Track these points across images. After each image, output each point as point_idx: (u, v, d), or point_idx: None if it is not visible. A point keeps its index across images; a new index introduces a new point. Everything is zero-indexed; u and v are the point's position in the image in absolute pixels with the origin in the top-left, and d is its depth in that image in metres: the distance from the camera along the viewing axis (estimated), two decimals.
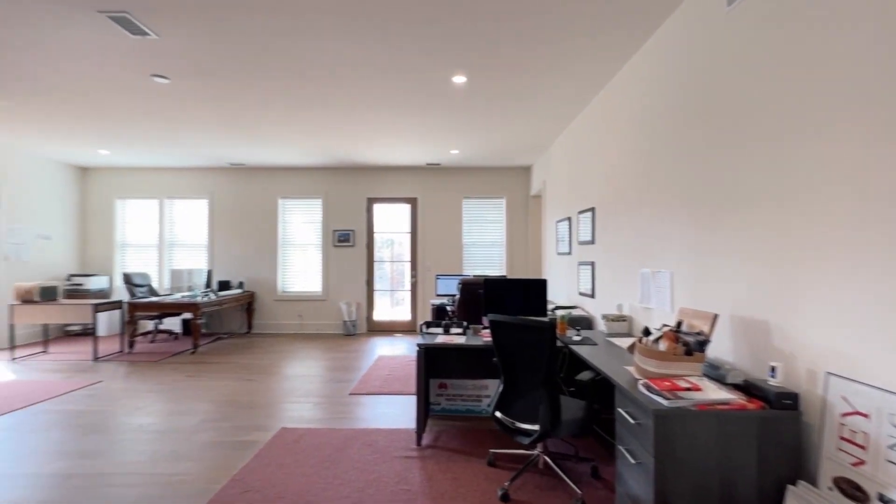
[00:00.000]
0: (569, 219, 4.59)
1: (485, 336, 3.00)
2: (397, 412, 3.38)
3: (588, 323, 3.63)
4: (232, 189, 6.97)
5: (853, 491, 1.35)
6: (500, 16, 2.58)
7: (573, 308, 4.08)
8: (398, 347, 5.81)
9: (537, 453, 2.47)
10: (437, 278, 5.81)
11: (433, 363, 3.21)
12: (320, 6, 2.49)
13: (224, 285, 6.62)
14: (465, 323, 3.21)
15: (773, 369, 1.63)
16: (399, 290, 7.03)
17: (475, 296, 3.93)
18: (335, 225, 6.93)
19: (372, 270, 7.01)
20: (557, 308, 4.03)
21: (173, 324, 6.80)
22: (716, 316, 1.90)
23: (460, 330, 3.12)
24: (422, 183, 6.93)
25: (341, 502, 2.14)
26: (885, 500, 1.26)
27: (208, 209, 6.96)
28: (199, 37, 2.82)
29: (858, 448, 1.36)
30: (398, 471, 2.45)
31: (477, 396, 3.27)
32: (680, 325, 2.05)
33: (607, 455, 2.66)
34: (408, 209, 7.01)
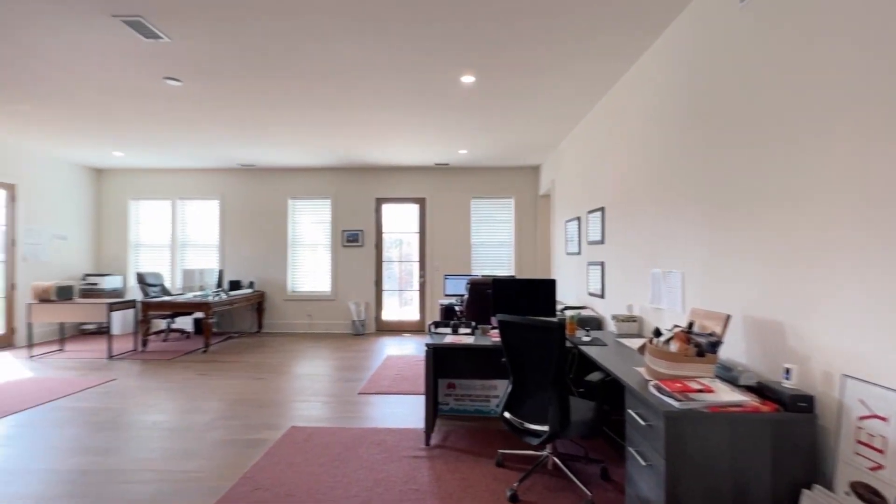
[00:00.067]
0: (578, 218, 4.56)
1: (493, 336, 2.99)
2: (406, 412, 3.39)
3: (598, 323, 3.60)
4: (242, 190, 7.05)
5: (871, 496, 1.32)
6: (508, 16, 2.57)
7: (582, 308, 4.06)
8: (406, 347, 5.82)
9: (546, 454, 2.45)
10: (446, 278, 5.81)
11: (442, 363, 3.21)
12: (330, 9, 2.51)
13: (235, 285, 6.70)
14: (474, 323, 3.20)
15: (788, 371, 1.60)
16: (407, 290, 7.05)
17: (484, 296, 3.92)
18: (344, 225, 6.97)
19: (380, 270, 7.04)
20: (567, 308, 4.01)
21: (185, 323, 6.90)
22: (728, 317, 1.87)
23: (469, 330, 3.12)
24: (430, 183, 6.94)
25: (350, 501, 2.15)
26: None
27: (219, 210, 7.05)
28: (211, 40, 2.86)
29: (876, 452, 1.33)
30: (407, 470, 2.46)
31: (486, 397, 3.27)
32: (691, 326, 2.03)
33: (617, 457, 2.64)
34: (416, 209, 7.02)
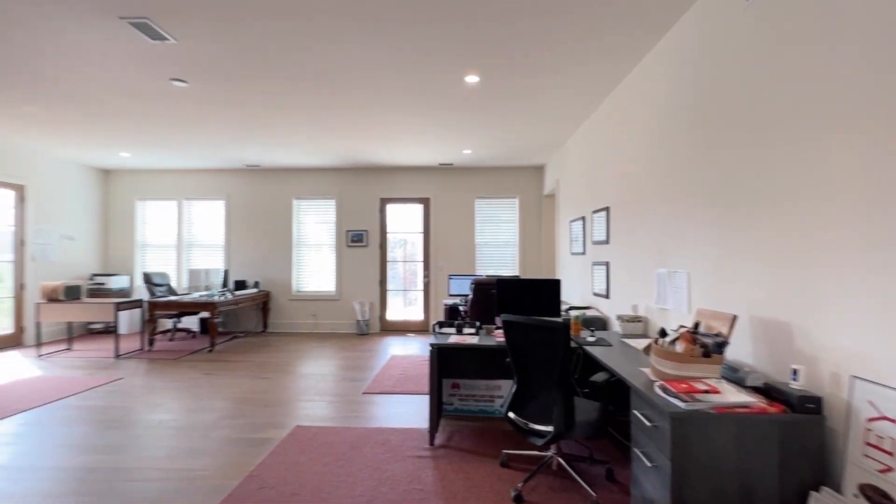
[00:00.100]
0: (583, 218, 4.54)
1: (498, 336, 2.98)
2: (410, 412, 3.39)
3: (602, 324, 3.58)
4: (248, 190, 7.09)
5: (880, 498, 1.30)
6: (508, 16, 2.57)
7: (587, 308, 4.04)
8: (411, 347, 5.82)
9: (551, 455, 2.45)
10: (450, 278, 5.81)
11: (446, 363, 3.21)
12: (330, 9, 2.52)
13: (240, 285, 6.74)
14: (478, 323, 3.20)
15: (795, 372, 1.59)
16: (412, 290, 7.05)
17: (488, 296, 3.92)
18: (348, 225, 6.99)
19: (385, 270, 7.05)
20: (571, 308, 3.99)
21: (191, 322, 6.94)
22: (734, 317, 1.86)
23: (473, 330, 3.12)
24: (434, 183, 6.94)
25: (355, 500, 2.15)
26: None
27: (225, 210, 7.09)
28: (217, 41, 2.88)
29: (886, 454, 1.31)
30: (411, 470, 2.46)
31: (490, 397, 3.26)
32: (697, 327, 2.01)
33: (622, 457, 2.63)
34: (420, 209, 7.03)
